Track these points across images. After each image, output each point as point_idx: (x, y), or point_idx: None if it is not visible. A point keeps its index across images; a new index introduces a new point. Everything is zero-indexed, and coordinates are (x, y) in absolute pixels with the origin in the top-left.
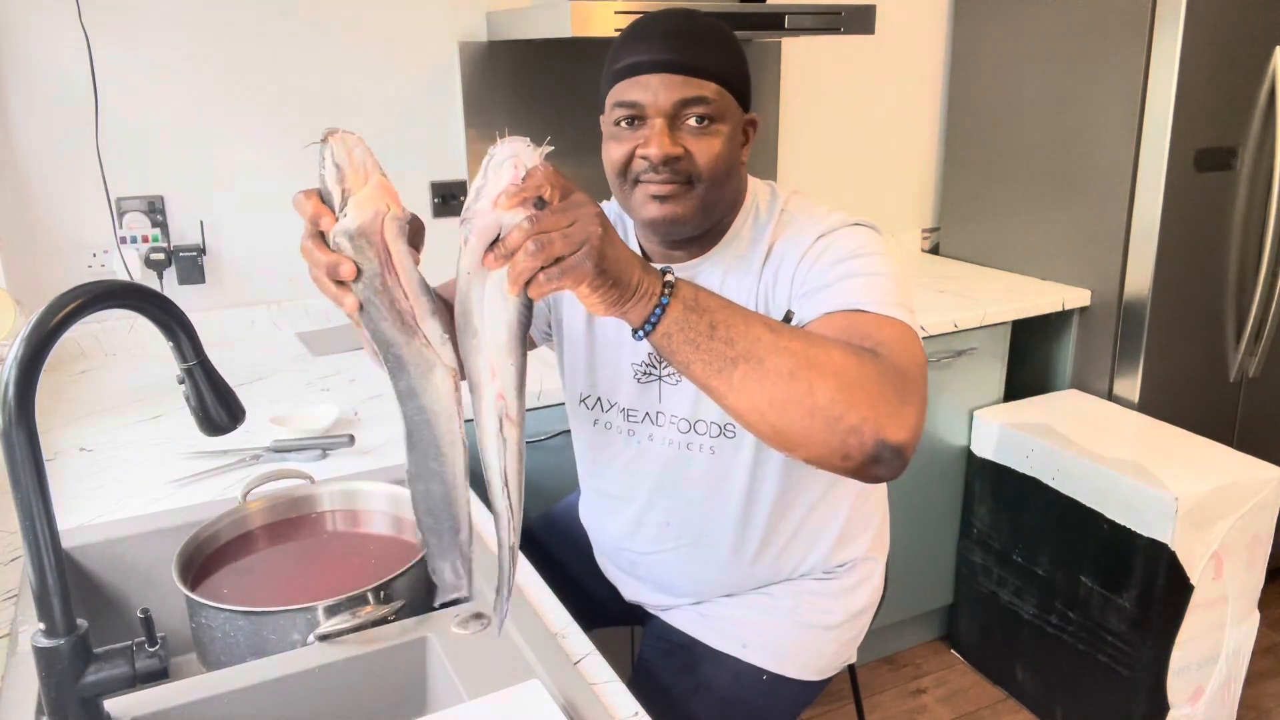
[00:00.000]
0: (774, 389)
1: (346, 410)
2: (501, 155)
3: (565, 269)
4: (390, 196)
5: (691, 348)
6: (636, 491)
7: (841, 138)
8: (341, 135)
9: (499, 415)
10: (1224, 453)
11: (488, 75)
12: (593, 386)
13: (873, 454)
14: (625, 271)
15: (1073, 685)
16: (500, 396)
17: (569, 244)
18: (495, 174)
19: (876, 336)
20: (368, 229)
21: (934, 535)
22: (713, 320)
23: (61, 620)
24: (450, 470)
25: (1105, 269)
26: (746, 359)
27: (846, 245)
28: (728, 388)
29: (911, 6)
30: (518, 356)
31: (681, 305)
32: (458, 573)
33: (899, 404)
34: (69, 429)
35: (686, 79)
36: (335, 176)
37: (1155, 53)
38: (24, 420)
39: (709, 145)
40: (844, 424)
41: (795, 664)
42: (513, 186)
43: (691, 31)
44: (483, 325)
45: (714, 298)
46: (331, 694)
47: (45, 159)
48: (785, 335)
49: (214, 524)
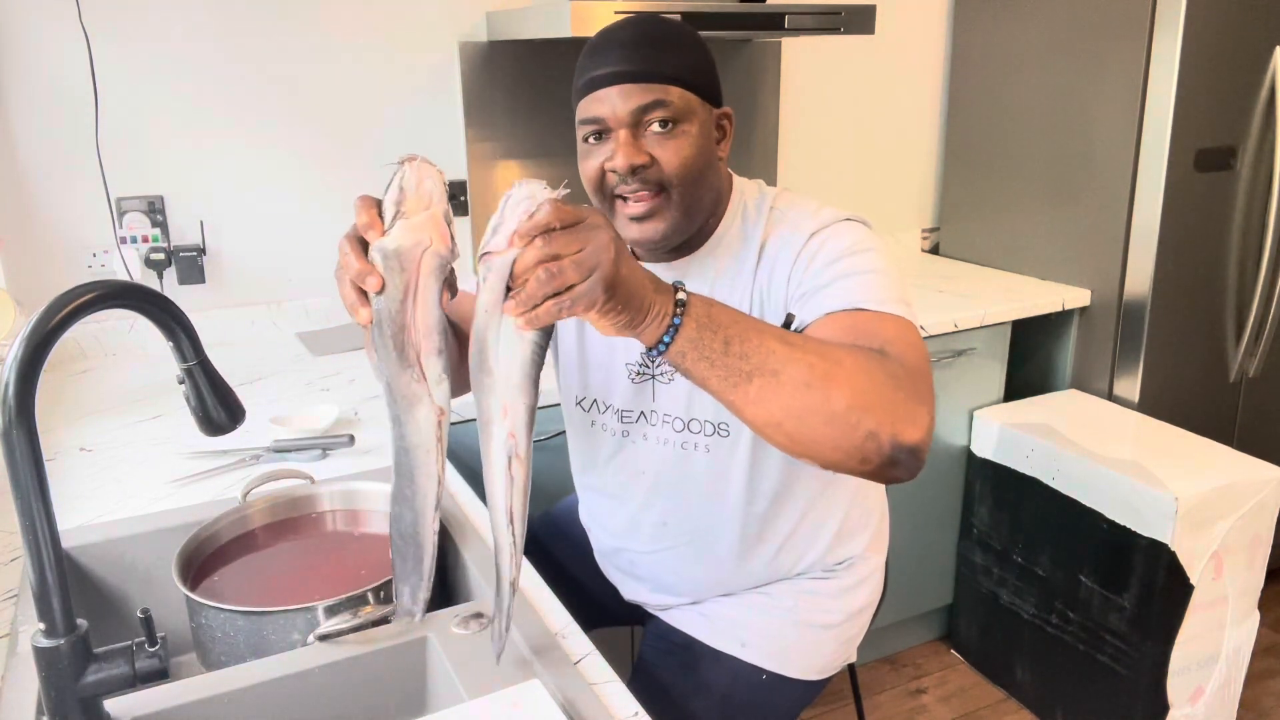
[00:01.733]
0: (790, 400)
1: (346, 410)
2: (519, 195)
3: (575, 296)
4: (439, 232)
5: (706, 364)
6: (633, 491)
7: (841, 138)
8: (420, 163)
9: (508, 454)
10: (1224, 453)
11: (488, 75)
12: (586, 388)
13: (890, 457)
14: (636, 295)
15: (1073, 685)
16: (511, 435)
17: (580, 270)
18: (513, 212)
19: (881, 335)
20: (405, 254)
21: (934, 535)
22: (726, 336)
23: (61, 620)
24: (421, 500)
25: (1105, 269)
26: (761, 373)
27: (840, 242)
28: (744, 401)
29: (911, 6)
30: (530, 396)
31: (695, 324)
32: (415, 599)
33: (913, 405)
34: (69, 429)
35: (644, 86)
36: (395, 197)
37: (1155, 53)
38: (24, 420)
39: (676, 148)
40: (861, 430)
41: (795, 663)
42: (526, 221)
43: (643, 38)
44: (497, 364)
45: (727, 312)
46: (331, 694)
47: (45, 159)
48: (799, 347)
49: (214, 524)
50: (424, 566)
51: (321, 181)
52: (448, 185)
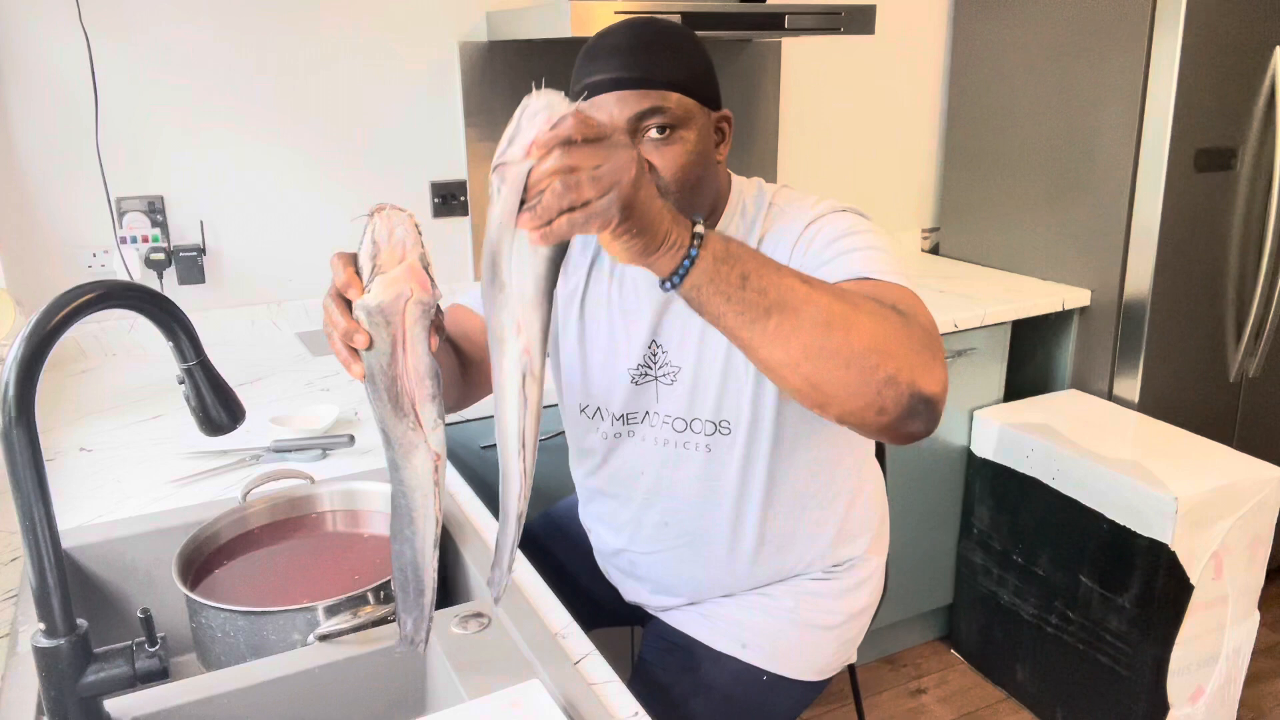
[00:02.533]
0: (809, 339)
1: (346, 410)
2: (536, 105)
3: (590, 214)
4: (418, 280)
5: (723, 299)
6: (634, 492)
7: (841, 138)
8: (388, 212)
9: (523, 371)
10: (1224, 453)
11: (488, 75)
12: (589, 395)
13: (908, 406)
14: (653, 221)
15: (1073, 685)
16: (526, 351)
17: (597, 187)
18: (529, 122)
19: (890, 296)
20: (388, 309)
21: (934, 535)
22: (744, 270)
23: (61, 620)
24: (420, 539)
25: (1105, 269)
26: (781, 309)
27: (838, 226)
28: (761, 339)
29: (911, 6)
30: (544, 311)
31: (712, 257)
32: (418, 628)
33: (930, 357)
34: (69, 429)
35: (641, 93)
36: (370, 251)
37: (1155, 53)
38: (24, 420)
39: (674, 154)
40: (880, 374)
41: (795, 664)
42: (547, 131)
43: (640, 44)
44: (510, 278)
45: (745, 248)
46: (331, 694)
47: (45, 159)
48: (819, 287)
49: (214, 524)
50: (425, 600)
51: (322, 181)
52: (418, 227)
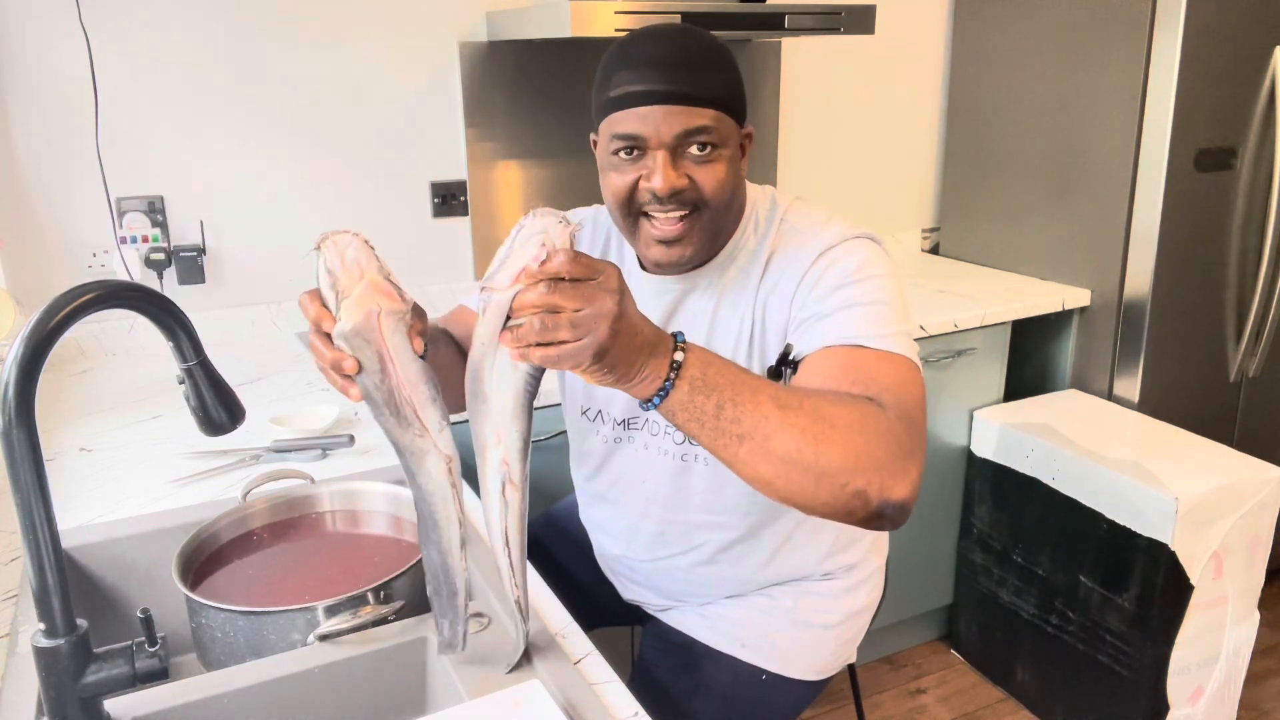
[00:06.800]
0: (779, 464)
1: (346, 410)
2: (531, 229)
3: (563, 354)
4: (382, 294)
5: (696, 425)
6: (632, 499)
7: (841, 138)
8: (333, 239)
9: (502, 479)
10: (1224, 453)
11: (488, 75)
12: (591, 399)
13: (876, 511)
14: (628, 360)
15: (1073, 685)
16: (504, 462)
17: (574, 332)
18: (522, 247)
19: (879, 379)
20: (363, 330)
21: (934, 535)
22: (720, 400)
23: (61, 620)
24: (446, 541)
25: (1105, 269)
26: (752, 437)
27: (847, 264)
28: (733, 460)
29: (911, 6)
30: (523, 424)
31: (688, 387)
32: (455, 632)
33: (903, 462)
34: (69, 429)
35: (689, 110)
36: (328, 282)
37: (1155, 53)
38: (24, 420)
39: (713, 172)
40: (849, 489)
41: (795, 664)
42: (534, 264)
43: (688, 58)
44: (492, 392)
45: (723, 372)
46: (331, 694)
47: (45, 159)
48: (793, 409)
49: (214, 524)
50: (458, 602)
51: (322, 181)
52: (369, 243)
